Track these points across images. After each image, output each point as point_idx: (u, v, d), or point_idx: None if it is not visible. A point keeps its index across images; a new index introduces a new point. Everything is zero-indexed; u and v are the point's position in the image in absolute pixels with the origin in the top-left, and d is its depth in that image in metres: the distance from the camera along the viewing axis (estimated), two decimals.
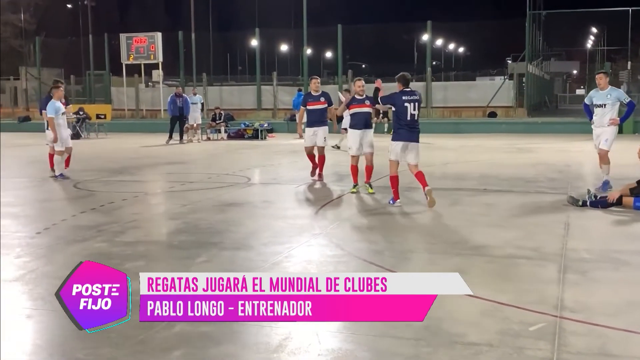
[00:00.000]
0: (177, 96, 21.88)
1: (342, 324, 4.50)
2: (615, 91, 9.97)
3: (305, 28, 29.65)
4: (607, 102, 9.80)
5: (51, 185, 11.65)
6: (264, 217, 8.48)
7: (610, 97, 9.81)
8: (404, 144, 9.03)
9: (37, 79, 35.25)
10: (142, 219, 8.71)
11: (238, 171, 13.34)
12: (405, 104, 8.87)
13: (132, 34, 30.31)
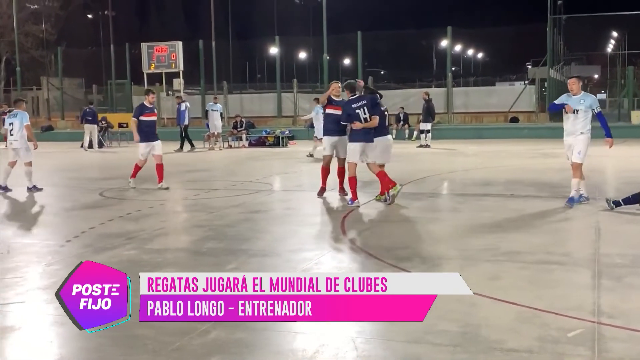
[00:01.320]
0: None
1: (377, 329, 4.48)
2: (588, 97, 9.01)
3: (325, 35, 29.70)
4: (580, 108, 8.88)
5: (76, 193, 11.73)
6: (290, 224, 8.47)
7: (583, 102, 8.89)
8: (362, 144, 9.44)
9: (59, 89, 35.60)
10: (169, 226, 8.75)
11: (261, 178, 13.36)
12: (356, 111, 9.42)
13: (153, 43, 30.53)
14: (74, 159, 19.76)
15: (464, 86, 35.61)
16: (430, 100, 21.76)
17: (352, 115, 9.43)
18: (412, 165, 15.40)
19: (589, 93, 9.18)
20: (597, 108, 8.92)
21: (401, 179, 12.36)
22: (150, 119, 12.08)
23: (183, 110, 22.35)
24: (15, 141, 11.83)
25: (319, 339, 4.33)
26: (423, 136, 21.48)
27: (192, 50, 32.60)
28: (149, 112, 12.06)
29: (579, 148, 8.93)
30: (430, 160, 16.88)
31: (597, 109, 8.92)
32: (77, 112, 37.21)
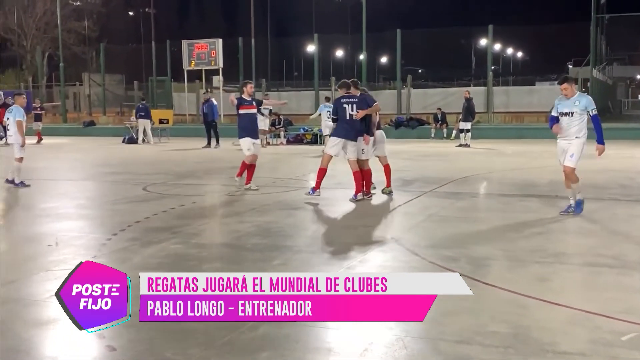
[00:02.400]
0: (204, 102, 22.74)
1: (425, 329, 4.45)
2: (583, 98, 8.31)
3: (364, 33, 29.61)
4: (575, 110, 8.21)
5: (120, 187, 11.90)
6: (333, 221, 8.48)
7: (578, 104, 8.22)
8: (343, 140, 9.82)
9: (101, 85, 36.14)
10: (213, 221, 8.82)
11: (301, 176, 13.40)
12: (344, 106, 9.78)
13: (193, 41, 30.80)
14: (116, 153, 20.04)
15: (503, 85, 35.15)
16: (471, 99, 21.56)
17: (339, 109, 9.84)
18: (452, 165, 15.29)
19: (584, 94, 8.49)
20: (593, 110, 8.23)
21: (442, 178, 12.31)
22: (250, 111, 11.06)
23: (215, 105, 22.66)
24: (10, 137, 11.94)
25: (367, 337, 4.32)
26: (462, 135, 21.30)
27: (231, 48, 32.79)
28: (247, 105, 11.09)
29: (572, 151, 8.28)
30: (471, 160, 16.72)
31: (593, 111, 8.23)
32: (118, 107, 37.82)
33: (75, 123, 33.30)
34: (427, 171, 13.79)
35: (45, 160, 18.02)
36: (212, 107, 22.53)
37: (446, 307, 4.94)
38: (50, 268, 6.19)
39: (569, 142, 8.31)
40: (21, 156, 11.89)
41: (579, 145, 8.27)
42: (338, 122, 9.92)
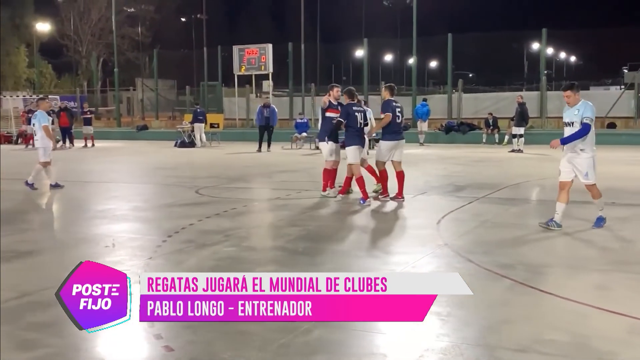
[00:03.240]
0: (265, 107, 22.64)
1: (482, 336, 4.40)
2: (584, 106, 7.70)
3: (414, 37, 29.45)
4: (575, 120, 7.70)
5: (173, 190, 12.09)
6: (384, 226, 8.44)
7: (579, 112, 7.68)
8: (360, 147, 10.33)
9: (154, 90, 36.80)
10: (264, 225, 8.89)
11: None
12: (355, 114, 10.13)
13: (244, 46, 31.11)
14: (169, 157, 20.37)
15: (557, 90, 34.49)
16: (524, 104, 21.23)
17: (350, 114, 10.09)
18: (504, 171, 15.08)
19: (587, 102, 7.76)
20: (586, 119, 7.57)
21: (494, 184, 12.15)
22: (335, 115, 10.61)
23: (276, 110, 22.75)
24: (36, 141, 12.17)
25: (422, 343, 4.30)
26: (515, 140, 20.97)
27: (281, 53, 33.02)
28: (334, 108, 10.74)
29: (585, 169, 7.76)
30: (524, 165, 16.46)
31: (585, 119, 7.57)
32: (170, 112, 38.44)
33: (129, 127, 33.98)
34: (479, 177, 13.62)
35: (100, 164, 18.44)
36: (273, 112, 22.66)
37: (504, 314, 4.89)
38: None
39: (577, 156, 7.79)
40: (46, 160, 12.13)
41: (588, 160, 7.77)
42: (350, 131, 10.16)
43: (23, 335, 4.26)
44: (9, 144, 28.03)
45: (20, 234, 8.04)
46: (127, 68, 50.67)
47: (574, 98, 7.76)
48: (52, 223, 9.59)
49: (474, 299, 5.25)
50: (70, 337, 4.33)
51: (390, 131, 10.34)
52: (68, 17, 51.43)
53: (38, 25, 48.95)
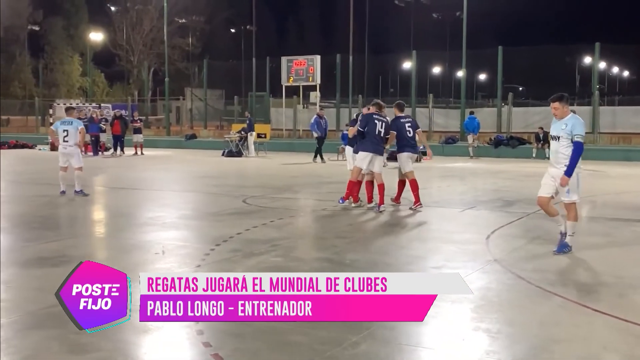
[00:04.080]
0: (322, 117, 22.63)
1: (535, 354, 4.30)
2: (572, 121, 7.19)
3: (464, 50, 29.23)
4: (561, 135, 7.22)
5: (221, 199, 12.20)
6: (432, 240, 8.36)
7: (565, 127, 7.19)
8: (372, 155, 10.50)
9: (202, 99, 37.30)
10: (311, 235, 8.89)
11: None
12: (375, 122, 10.46)
13: (292, 57, 31.33)
14: (217, 166, 20.57)
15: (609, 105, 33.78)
16: None
17: (370, 124, 10.45)
18: None
19: (576, 116, 7.30)
20: (577, 136, 7.10)
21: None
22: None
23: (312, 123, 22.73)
24: (70, 147, 12.36)
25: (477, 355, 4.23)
26: None
27: (329, 64, 33.14)
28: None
29: (567, 186, 7.25)
30: None
31: (577, 137, 7.10)
32: (218, 121, 38.89)
33: (178, 136, 34.48)
34: (529, 192, 13.33)
35: (149, 172, 18.75)
36: (326, 122, 22.74)
37: (555, 333, 4.78)
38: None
39: (559, 172, 7.28)
40: (81, 165, 12.47)
41: (572, 177, 7.25)
42: (367, 137, 10.46)
43: (75, 339, 4.32)
44: None
45: (71, 239, 8.21)
46: (177, 78, 51.50)
47: (562, 111, 7.27)
48: (103, 229, 9.76)
49: (525, 317, 5.16)
50: (120, 342, 4.39)
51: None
52: (121, 27, 52.60)
53: (91, 35, 50.24)
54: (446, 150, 25.92)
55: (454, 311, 5.31)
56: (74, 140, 12.32)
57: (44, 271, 6.57)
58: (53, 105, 37.29)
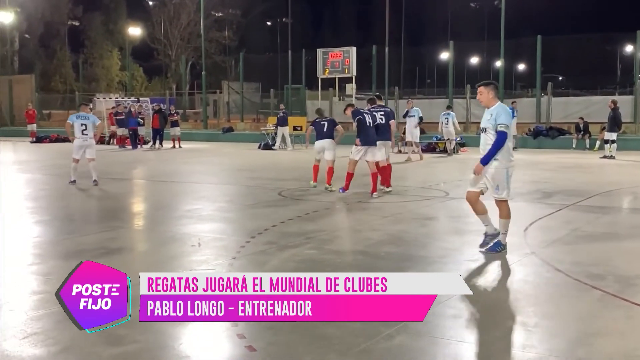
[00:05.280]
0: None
1: (571, 349, 4.24)
2: (499, 109, 6.67)
3: (502, 39, 28.82)
4: (488, 126, 6.69)
5: (257, 192, 12.26)
6: (468, 232, 8.27)
7: (491, 117, 6.66)
8: (366, 147, 11.41)
9: (239, 93, 37.50)
10: (346, 228, 8.89)
11: (434, 185, 13.21)
12: (363, 115, 11.38)
13: (328, 49, 31.26)
14: (253, 159, 20.67)
15: None
16: (617, 109, 20.40)
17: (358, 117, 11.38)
18: (595, 178, 14.53)
19: (504, 105, 6.77)
20: (501, 125, 6.54)
21: (585, 191, 11.73)
22: None
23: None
24: (90, 139, 13.15)
25: (507, 354, 4.18)
26: (607, 146, 20.17)
27: (365, 56, 32.99)
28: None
29: (496, 181, 6.72)
30: (616, 172, 15.80)
31: (500, 126, 6.54)
32: (254, 114, 39.07)
33: (215, 129, 34.72)
34: (569, 183, 13.18)
35: (187, 164, 18.93)
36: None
37: (594, 327, 4.70)
38: (192, 267, 6.47)
39: (488, 165, 6.73)
40: (94, 156, 13.32)
41: (501, 172, 6.70)
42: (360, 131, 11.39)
43: (111, 330, 4.36)
44: (101, 144, 29.18)
45: (110, 232, 8.34)
46: (214, 71, 51.83)
47: (487, 98, 6.75)
48: (141, 221, 9.89)
49: (562, 310, 5.08)
50: (157, 334, 4.44)
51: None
52: (158, 21, 53.09)
53: (130, 29, 50.80)
54: None
55: (490, 305, 5.26)
56: (92, 133, 13.12)
57: None
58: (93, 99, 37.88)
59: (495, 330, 4.66)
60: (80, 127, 13.04)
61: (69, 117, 13.68)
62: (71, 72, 53.67)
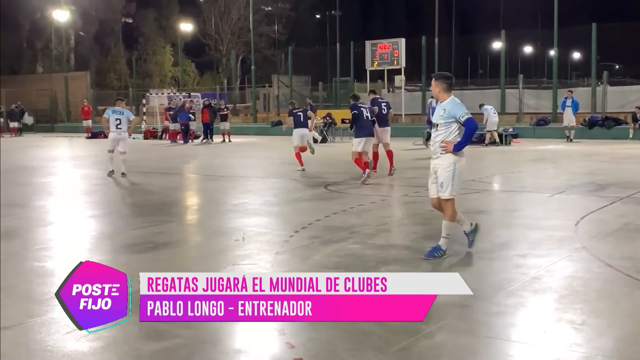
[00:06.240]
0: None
1: (619, 348, 4.09)
2: (454, 105, 6.28)
3: (555, 28, 28.13)
4: (441, 122, 6.30)
5: (303, 186, 12.26)
6: (517, 226, 8.10)
7: (444, 113, 6.28)
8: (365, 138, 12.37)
9: (289, 86, 37.60)
10: (391, 222, 8.79)
11: (483, 178, 12.98)
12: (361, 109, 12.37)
13: (376, 41, 31.08)
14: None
15: None
16: None
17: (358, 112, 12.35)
18: None
19: (455, 99, 6.37)
20: (463, 116, 6.16)
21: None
22: None
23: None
24: (123, 132, 13.88)
25: (553, 353, 4.05)
26: None
27: (414, 47, 32.65)
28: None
29: (441, 178, 6.35)
30: None
31: (463, 117, 6.16)
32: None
33: (264, 123, 34.92)
34: (625, 175, 12.77)
35: (235, 158, 19.08)
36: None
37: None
38: (236, 262, 6.49)
39: (437, 163, 6.41)
40: (127, 150, 14.04)
41: (447, 168, 6.30)
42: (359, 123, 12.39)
43: (152, 325, 4.41)
44: (154, 138, 29.69)
45: (158, 226, 8.44)
46: (264, 65, 52.11)
47: (436, 91, 6.37)
48: (189, 216, 10.00)
49: (612, 307, 4.91)
50: (198, 329, 4.45)
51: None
52: (209, 17, 53.63)
53: (182, 25, 51.45)
54: (537, 132, 25.10)
55: (536, 301, 5.13)
56: (125, 127, 13.78)
57: (130, 257, 6.78)
58: (146, 95, 38.51)
59: (540, 328, 4.52)
60: (115, 121, 13.71)
61: (105, 112, 14.37)
62: (125, 69, 54.69)
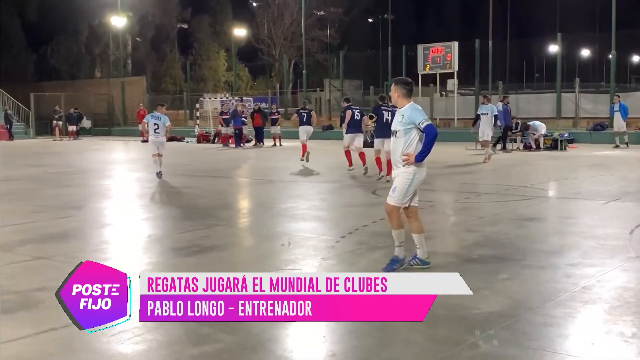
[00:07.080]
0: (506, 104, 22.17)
1: None
2: (412, 111, 6.02)
3: (613, 31, 27.40)
4: (399, 129, 6.06)
5: (351, 190, 12.23)
6: (569, 234, 7.90)
7: (403, 119, 6.04)
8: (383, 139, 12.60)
9: (340, 90, 37.63)
10: (439, 229, 8.68)
11: (537, 184, 12.71)
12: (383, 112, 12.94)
13: (429, 45, 30.81)
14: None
15: None
16: None
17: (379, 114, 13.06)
18: None
19: (415, 105, 6.13)
20: (422, 122, 5.90)
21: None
22: None
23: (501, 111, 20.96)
24: (161, 137, 14.40)
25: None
26: None
27: (468, 50, 32.27)
28: None
29: (396, 184, 6.18)
30: None
31: (422, 123, 5.90)
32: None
33: (316, 127, 34.96)
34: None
35: (285, 162, 19.18)
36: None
37: None
38: (281, 267, 6.50)
39: (396, 168, 6.24)
40: (163, 153, 14.48)
41: (405, 175, 6.10)
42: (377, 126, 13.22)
43: (195, 329, 4.46)
44: (206, 142, 30.08)
45: (206, 230, 8.53)
46: (316, 69, 52.29)
47: (394, 96, 6.11)
48: (236, 220, 10.08)
49: None
50: (239, 334, 4.48)
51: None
52: (262, 22, 54.12)
53: (235, 30, 52.07)
54: (594, 137, 24.47)
55: (585, 312, 4.99)
56: (163, 131, 14.36)
57: (177, 261, 6.86)
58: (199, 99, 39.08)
59: (588, 340, 4.39)
60: (153, 125, 14.29)
61: (145, 117, 15.14)
62: (180, 74, 55.64)
